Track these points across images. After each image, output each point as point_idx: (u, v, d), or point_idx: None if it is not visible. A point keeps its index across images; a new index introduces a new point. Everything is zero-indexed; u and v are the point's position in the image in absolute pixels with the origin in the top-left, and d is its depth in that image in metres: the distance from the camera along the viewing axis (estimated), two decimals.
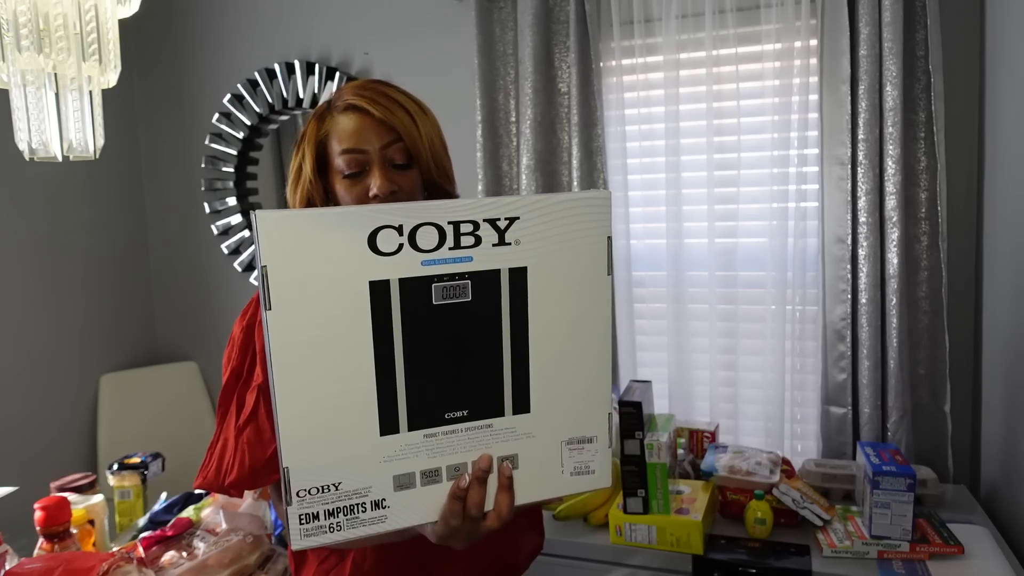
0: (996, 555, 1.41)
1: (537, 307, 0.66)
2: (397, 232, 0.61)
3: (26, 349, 2.31)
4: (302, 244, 0.58)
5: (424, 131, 0.97)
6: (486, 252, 0.63)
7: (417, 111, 0.98)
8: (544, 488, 0.71)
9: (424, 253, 0.62)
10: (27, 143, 1.28)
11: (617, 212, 2.06)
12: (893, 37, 1.72)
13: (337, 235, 0.59)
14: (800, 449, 1.99)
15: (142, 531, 1.53)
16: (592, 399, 0.70)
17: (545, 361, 0.68)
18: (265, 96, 2.41)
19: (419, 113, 0.98)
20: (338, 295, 0.60)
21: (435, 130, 1.00)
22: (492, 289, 0.64)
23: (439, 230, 0.62)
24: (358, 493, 0.64)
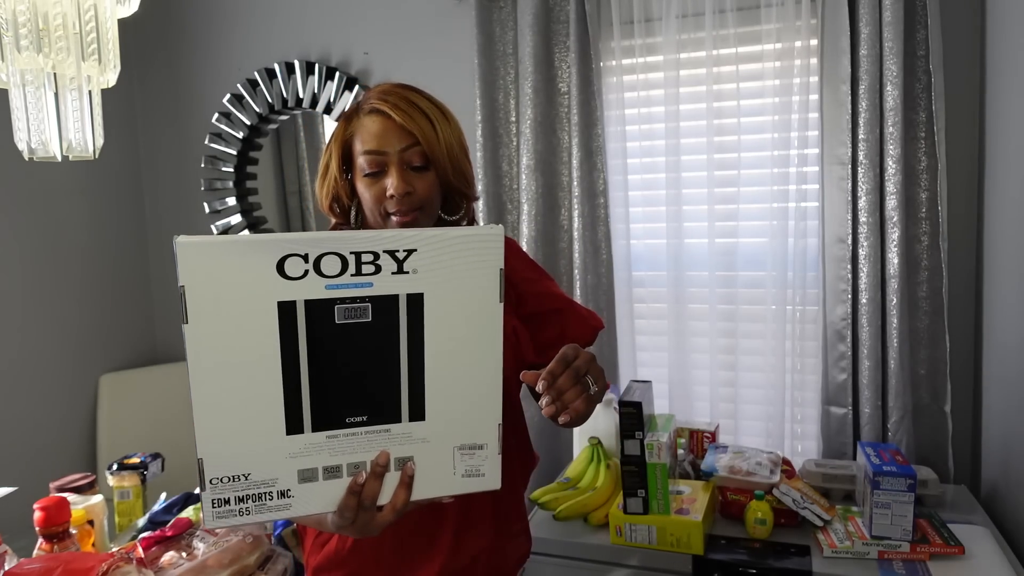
0: (997, 555, 1.41)
1: (432, 329, 0.74)
2: (303, 259, 0.68)
3: (26, 349, 2.31)
4: (216, 267, 0.66)
5: (443, 136, 1.04)
6: (385, 279, 0.71)
7: (439, 116, 1.04)
8: (437, 487, 0.80)
9: (328, 278, 0.70)
10: (26, 143, 1.28)
11: (617, 212, 2.06)
12: (893, 37, 1.72)
13: (248, 260, 0.67)
14: (800, 449, 1.99)
15: (142, 531, 1.53)
16: (483, 411, 0.79)
17: (439, 376, 0.76)
18: (265, 96, 2.41)
19: (440, 118, 1.04)
20: (249, 312, 0.68)
21: (455, 135, 1.07)
22: (391, 311, 0.72)
23: (342, 259, 0.70)
24: (265, 484, 0.73)
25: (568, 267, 2.12)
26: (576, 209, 2.03)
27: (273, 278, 0.68)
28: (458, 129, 1.09)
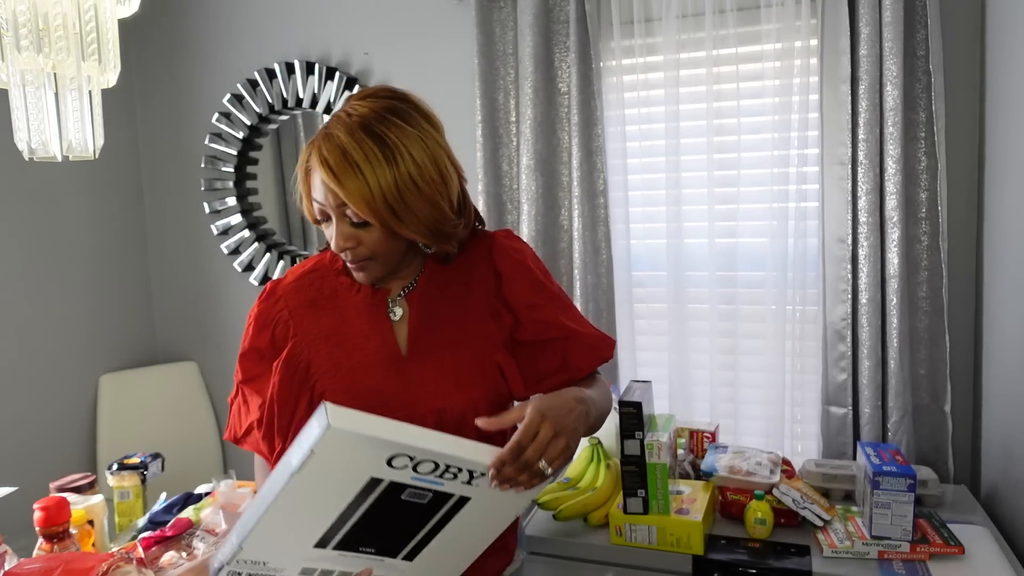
0: (997, 556, 1.41)
1: (461, 519, 0.90)
2: (409, 459, 0.81)
3: (26, 349, 2.31)
4: (348, 450, 0.79)
5: (380, 186, 0.95)
6: (455, 484, 0.86)
7: (379, 162, 0.95)
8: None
9: (417, 473, 0.84)
10: (26, 143, 1.28)
11: (617, 212, 2.06)
12: (893, 37, 1.72)
13: (372, 451, 0.80)
14: (800, 449, 1.99)
15: (141, 531, 1.53)
16: (456, 568, 0.98)
17: (443, 543, 0.93)
18: (265, 96, 2.41)
19: (379, 165, 0.95)
20: (346, 477, 0.81)
21: (406, 175, 0.96)
22: (442, 501, 0.88)
23: (437, 465, 0.83)
24: (275, 570, 0.88)
25: (568, 267, 2.12)
26: (576, 209, 2.03)
27: (379, 463, 0.81)
28: (411, 165, 0.97)
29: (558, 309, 1.14)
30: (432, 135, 1.02)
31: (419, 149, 0.98)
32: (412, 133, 0.99)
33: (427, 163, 0.99)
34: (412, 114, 1.01)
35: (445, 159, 1.03)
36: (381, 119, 0.98)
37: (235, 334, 2.42)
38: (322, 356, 1.10)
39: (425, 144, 0.99)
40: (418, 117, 1.01)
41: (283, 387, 1.09)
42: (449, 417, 1.07)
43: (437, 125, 1.05)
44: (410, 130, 0.99)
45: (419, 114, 1.02)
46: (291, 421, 1.09)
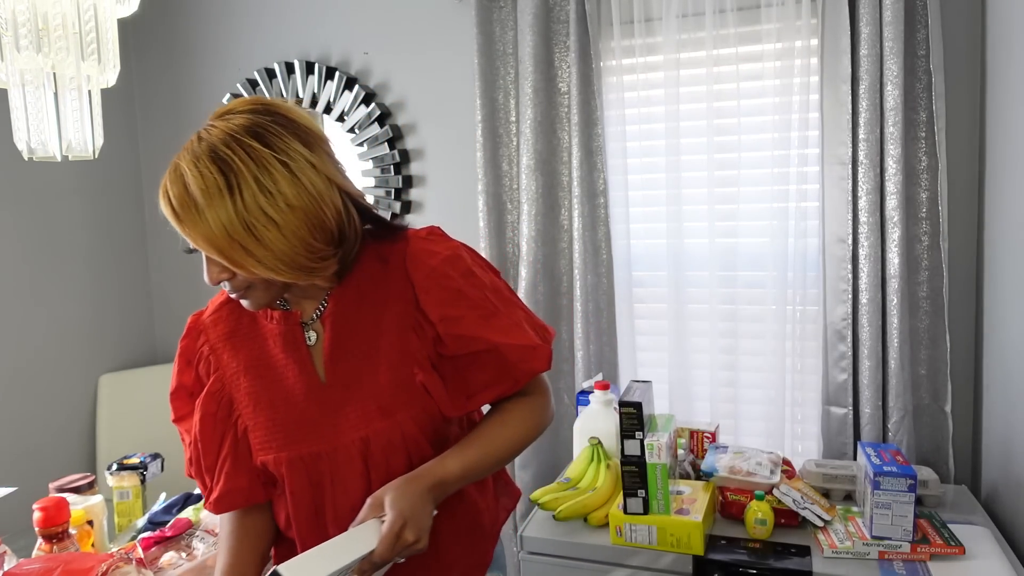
0: (997, 556, 1.41)
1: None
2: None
3: (25, 349, 2.31)
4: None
5: (219, 225, 0.86)
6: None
7: (215, 197, 0.86)
8: None
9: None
10: (26, 143, 1.28)
11: (617, 212, 2.06)
12: (894, 36, 1.72)
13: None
14: (801, 449, 1.99)
15: (141, 532, 1.53)
16: None
17: None
18: (265, 96, 2.41)
19: (218, 198, 0.86)
20: None
21: (248, 212, 0.86)
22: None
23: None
24: None
25: (568, 267, 2.12)
26: (576, 209, 2.03)
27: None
28: (258, 195, 0.86)
29: (480, 319, 1.02)
30: (300, 154, 0.90)
31: (275, 173, 0.88)
32: (266, 154, 0.88)
33: (284, 189, 0.88)
34: (273, 129, 0.90)
35: (317, 181, 0.91)
36: (231, 141, 0.88)
37: None
38: (243, 391, 1.06)
39: (285, 166, 0.88)
40: (283, 133, 0.90)
41: (205, 425, 1.06)
42: (375, 446, 1.02)
43: (312, 141, 0.93)
44: (264, 151, 0.88)
45: (287, 129, 0.91)
46: (216, 459, 1.06)
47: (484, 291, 1.04)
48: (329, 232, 0.94)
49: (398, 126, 2.32)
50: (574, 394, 2.12)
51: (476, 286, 1.03)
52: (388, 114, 2.32)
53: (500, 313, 1.04)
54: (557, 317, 2.14)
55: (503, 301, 1.06)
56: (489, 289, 1.05)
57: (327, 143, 0.96)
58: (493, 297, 1.05)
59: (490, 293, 1.05)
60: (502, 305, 1.05)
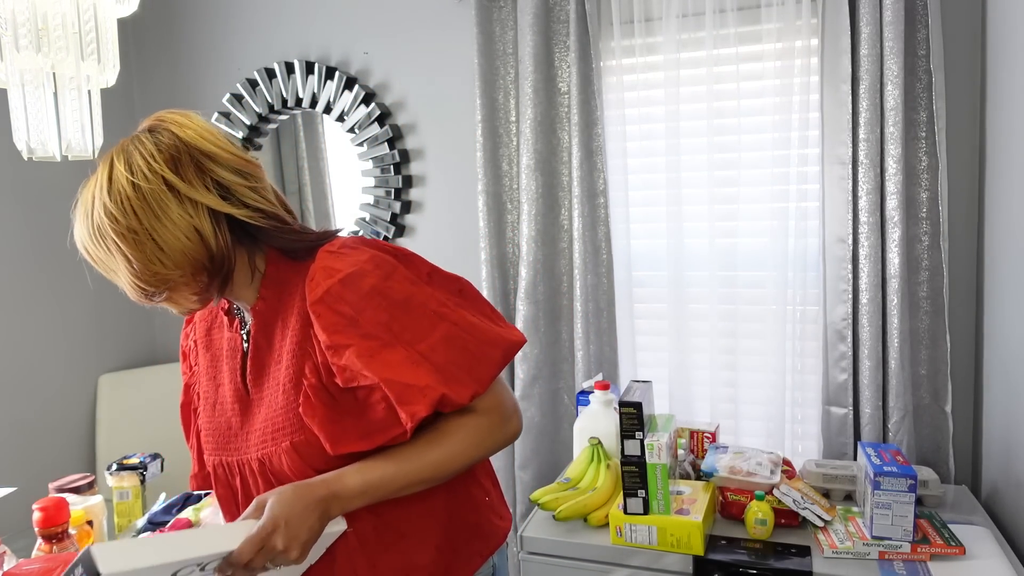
0: (998, 556, 1.41)
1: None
2: (197, 566, 0.85)
3: (25, 349, 2.31)
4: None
5: (78, 233, 0.94)
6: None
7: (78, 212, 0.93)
8: None
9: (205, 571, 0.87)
10: (26, 142, 1.28)
11: (617, 212, 2.05)
12: (894, 36, 1.72)
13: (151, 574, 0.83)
14: (801, 449, 1.99)
15: (141, 532, 1.53)
16: None
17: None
18: (265, 96, 2.41)
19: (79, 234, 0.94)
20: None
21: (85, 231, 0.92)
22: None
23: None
24: None
25: (568, 267, 2.12)
26: (576, 209, 2.03)
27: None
28: (94, 225, 0.90)
29: (367, 350, 0.92)
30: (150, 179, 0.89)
31: (118, 197, 0.89)
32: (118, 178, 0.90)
33: (122, 212, 0.89)
34: (145, 152, 0.91)
35: (164, 204, 0.90)
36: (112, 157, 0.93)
37: None
38: (201, 390, 1.11)
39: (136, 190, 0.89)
40: (155, 156, 0.91)
41: (183, 413, 1.16)
42: (271, 468, 0.99)
43: (184, 163, 0.91)
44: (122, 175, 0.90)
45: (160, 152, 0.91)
46: (190, 443, 1.15)
47: (387, 314, 0.93)
48: (174, 256, 0.93)
49: (398, 126, 2.32)
50: (574, 394, 2.12)
51: (377, 308, 0.93)
52: (388, 114, 2.32)
53: (394, 344, 0.93)
54: (557, 317, 2.14)
55: (408, 327, 0.94)
56: (398, 310, 0.94)
57: (215, 159, 0.93)
58: (397, 323, 0.93)
59: (396, 317, 0.93)
60: (405, 332, 0.93)
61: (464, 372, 0.94)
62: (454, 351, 0.95)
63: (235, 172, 0.94)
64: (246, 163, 0.96)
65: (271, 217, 0.97)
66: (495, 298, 2.14)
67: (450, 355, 0.94)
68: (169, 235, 0.90)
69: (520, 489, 2.14)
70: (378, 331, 0.92)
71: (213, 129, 0.97)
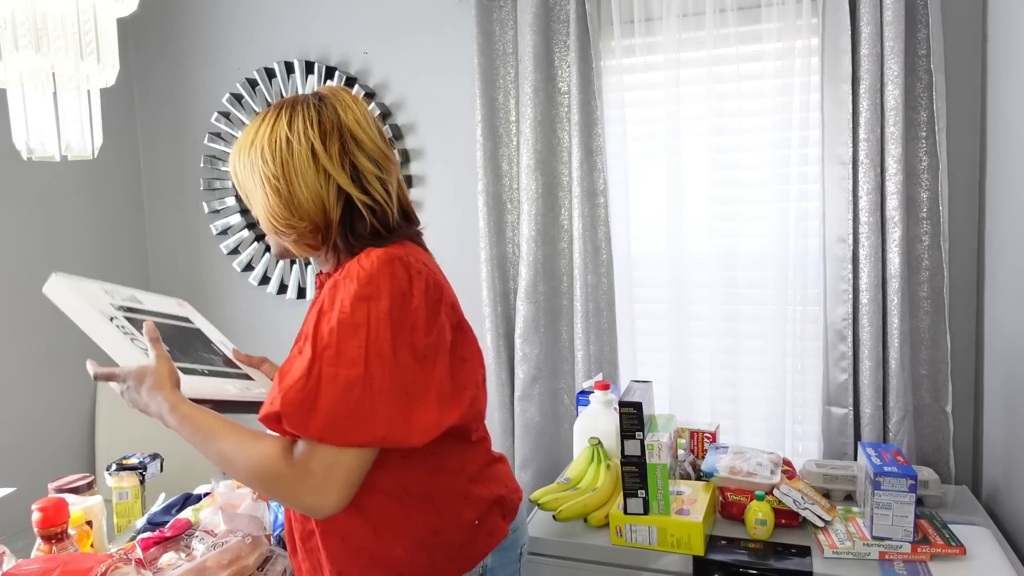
0: (998, 556, 1.41)
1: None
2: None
3: (25, 349, 2.31)
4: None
5: (232, 166, 1.14)
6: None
7: (240, 147, 1.11)
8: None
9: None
10: (25, 142, 1.28)
11: (617, 212, 2.05)
12: (894, 36, 1.72)
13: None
14: (801, 450, 1.99)
15: (140, 532, 1.53)
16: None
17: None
18: (264, 96, 2.41)
19: (241, 148, 1.11)
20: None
21: (240, 165, 1.11)
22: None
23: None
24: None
25: (568, 267, 2.11)
26: (576, 209, 2.02)
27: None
28: (250, 156, 1.08)
29: (300, 348, 0.98)
30: (310, 142, 1.04)
31: (252, 148, 1.08)
32: (278, 131, 1.06)
33: (252, 162, 1.08)
34: (307, 116, 1.05)
35: (302, 165, 1.04)
36: (277, 107, 1.10)
37: (234, 334, 2.41)
38: None
39: (288, 145, 1.04)
40: (313, 122, 1.05)
41: None
42: None
43: (332, 137, 1.05)
44: (282, 130, 1.06)
45: (320, 118, 1.05)
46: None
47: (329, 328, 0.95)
48: (304, 212, 1.06)
49: (398, 126, 2.32)
50: (574, 394, 2.12)
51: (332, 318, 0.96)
52: (388, 114, 2.32)
53: (311, 353, 0.95)
54: (557, 317, 2.13)
55: (334, 347, 0.94)
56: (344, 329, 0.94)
57: (360, 145, 1.06)
58: (333, 337, 0.94)
59: (334, 333, 0.94)
60: (328, 349, 0.94)
61: (324, 418, 0.92)
62: (340, 396, 0.92)
63: (372, 160, 1.06)
64: (385, 157, 1.09)
65: (377, 206, 1.07)
66: (495, 298, 2.14)
67: (333, 396, 0.92)
68: (300, 192, 1.04)
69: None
70: (316, 333, 0.96)
71: (371, 118, 1.10)
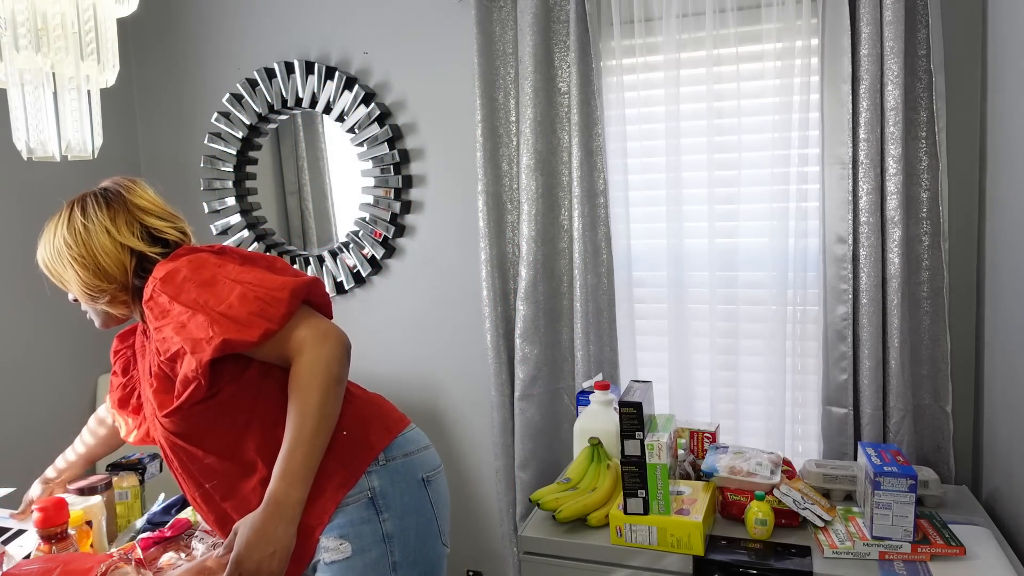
0: (998, 556, 1.41)
1: None
2: None
3: (25, 349, 2.31)
4: None
5: (40, 255, 1.30)
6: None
7: (42, 252, 1.30)
8: None
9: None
10: (25, 142, 1.28)
11: (617, 212, 2.05)
12: (894, 36, 1.72)
13: None
14: (801, 450, 1.99)
15: (140, 532, 1.53)
16: None
17: None
18: (264, 96, 2.41)
19: (41, 242, 1.30)
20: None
21: (46, 253, 1.29)
22: None
23: None
24: None
25: (568, 267, 2.11)
26: (576, 209, 2.03)
27: None
28: (56, 247, 1.27)
29: (181, 323, 1.16)
30: (100, 222, 1.26)
31: (72, 234, 1.26)
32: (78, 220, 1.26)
33: (70, 243, 1.26)
34: (97, 203, 1.28)
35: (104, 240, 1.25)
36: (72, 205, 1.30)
37: None
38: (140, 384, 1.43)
39: (85, 228, 1.25)
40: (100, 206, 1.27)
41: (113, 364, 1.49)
42: (160, 441, 1.30)
43: (119, 212, 1.27)
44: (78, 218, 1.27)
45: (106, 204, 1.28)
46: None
47: (195, 292, 1.17)
48: (107, 275, 1.26)
49: (398, 126, 2.32)
50: (574, 394, 2.12)
51: (188, 290, 1.18)
52: (388, 114, 2.32)
53: (197, 312, 1.16)
54: (557, 317, 2.13)
55: (211, 297, 1.17)
56: (205, 287, 1.18)
57: (139, 212, 1.29)
58: (202, 296, 1.17)
59: (202, 292, 1.17)
60: (209, 301, 1.17)
61: (257, 318, 1.15)
62: (247, 303, 1.16)
63: (160, 218, 1.31)
64: (170, 213, 1.34)
65: (177, 243, 1.30)
66: (495, 298, 2.14)
67: (244, 307, 1.15)
68: (103, 260, 1.25)
69: (520, 489, 2.13)
70: (188, 306, 1.16)
71: (150, 191, 1.35)
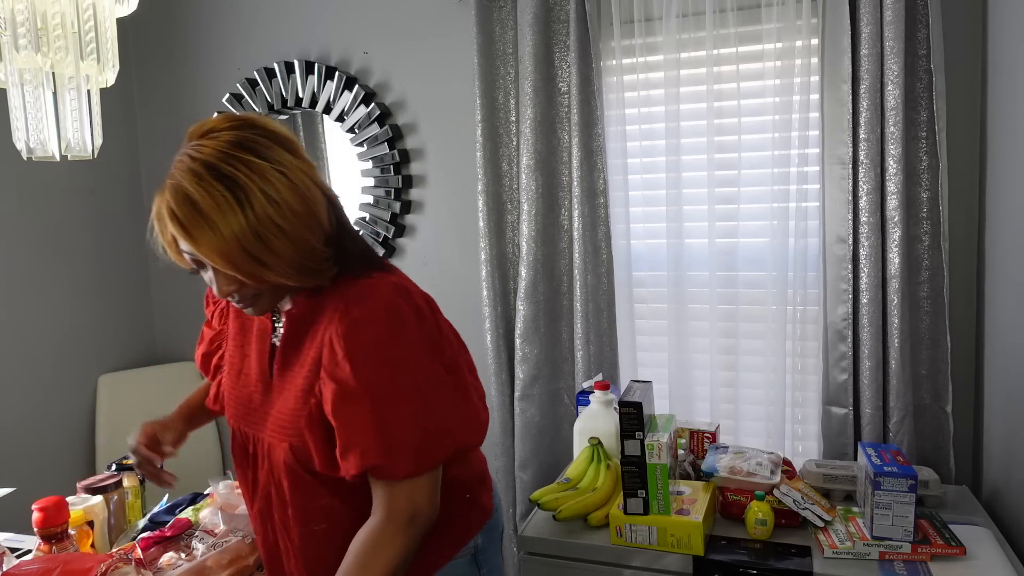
0: (998, 556, 1.41)
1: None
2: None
3: (25, 349, 2.31)
4: None
5: (233, 238, 0.89)
6: None
7: (227, 212, 0.89)
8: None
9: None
10: (25, 143, 1.28)
11: (617, 212, 2.05)
12: (894, 36, 1.72)
13: None
14: (801, 450, 1.99)
15: (142, 531, 1.53)
16: None
17: None
18: (265, 96, 2.41)
19: (230, 213, 0.89)
20: None
21: (259, 222, 0.89)
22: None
23: None
24: None
25: (568, 267, 2.11)
26: (576, 209, 2.02)
27: None
28: (266, 205, 0.89)
29: (343, 396, 0.97)
30: (289, 161, 0.93)
31: (276, 182, 0.91)
32: (265, 166, 0.90)
33: (287, 196, 0.91)
34: (262, 141, 0.93)
35: (309, 184, 0.95)
36: (228, 157, 0.90)
37: None
38: (228, 351, 1.21)
39: (283, 175, 0.92)
40: (270, 143, 0.93)
41: (203, 366, 1.30)
42: (271, 456, 1.06)
43: (293, 146, 0.97)
44: (262, 163, 0.90)
45: (271, 139, 0.94)
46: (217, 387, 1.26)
47: (372, 369, 0.96)
48: (325, 232, 0.98)
49: (398, 126, 2.32)
50: (574, 394, 2.12)
51: (367, 360, 0.96)
52: (388, 114, 2.32)
53: (364, 398, 0.96)
54: (557, 317, 2.13)
55: (386, 388, 0.96)
56: (385, 369, 0.97)
57: (303, 149, 1.00)
58: (379, 380, 0.96)
59: (380, 374, 0.96)
60: (382, 391, 0.96)
61: (410, 453, 0.97)
62: (413, 430, 0.97)
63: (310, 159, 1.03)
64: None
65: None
66: (495, 298, 2.14)
67: (406, 433, 0.97)
68: (320, 209, 0.99)
69: (520, 489, 2.13)
70: (358, 381, 0.96)
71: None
